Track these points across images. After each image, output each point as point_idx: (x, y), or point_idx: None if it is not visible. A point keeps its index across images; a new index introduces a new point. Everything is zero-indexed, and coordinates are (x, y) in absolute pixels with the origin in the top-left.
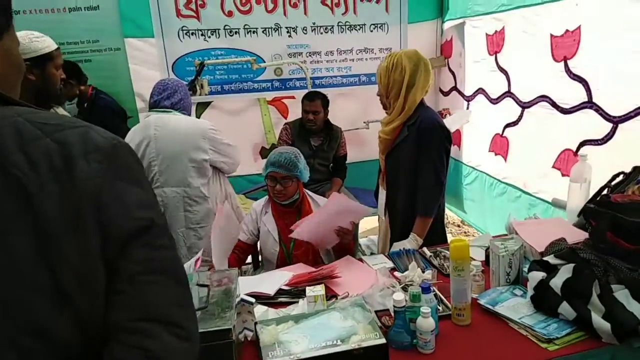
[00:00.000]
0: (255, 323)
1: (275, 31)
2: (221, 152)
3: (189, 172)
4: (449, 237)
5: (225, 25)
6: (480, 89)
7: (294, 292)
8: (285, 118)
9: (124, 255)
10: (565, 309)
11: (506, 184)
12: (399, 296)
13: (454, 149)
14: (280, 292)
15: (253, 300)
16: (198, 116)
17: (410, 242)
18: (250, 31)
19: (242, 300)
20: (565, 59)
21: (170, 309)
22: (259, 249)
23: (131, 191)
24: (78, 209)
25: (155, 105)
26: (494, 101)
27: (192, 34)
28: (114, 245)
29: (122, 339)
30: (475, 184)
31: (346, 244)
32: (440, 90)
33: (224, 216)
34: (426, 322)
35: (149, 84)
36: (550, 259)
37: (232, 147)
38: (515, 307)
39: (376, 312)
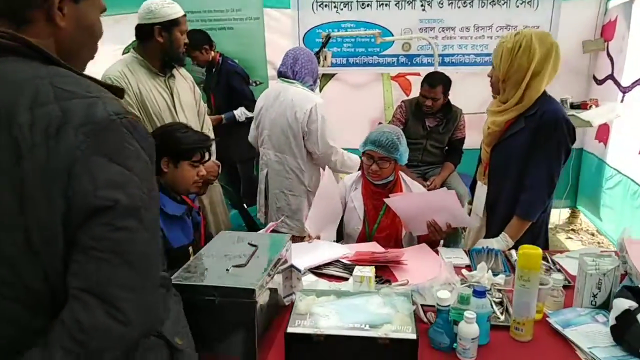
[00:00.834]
0: (297, 290)
1: (409, 4)
2: (310, 140)
3: (288, 143)
4: (578, 246)
5: None
6: None
7: (350, 268)
8: (408, 95)
9: (84, 229)
10: None
11: None
12: (445, 294)
13: (599, 146)
14: (338, 265)
15: (302, 268)
16: (322, 87)
17: (499, 242)
18: (382, 4)
19: (292, 266)
20: None
21: (112, 290)
22: (343, 222)
23: (106, 168)
24: (54, 177)
25: (280, 74)
26: None
27: (325, 5)
28: (75, 217)
29: (69, 303)
30: (617, 189)
31: (433, 241)
32: (594, 78)
33: (327, 181)
34: (468, 328)
35: (280, 52)
36: None
37: (327, 143)
38: (591, 334)
39: (426, 306)
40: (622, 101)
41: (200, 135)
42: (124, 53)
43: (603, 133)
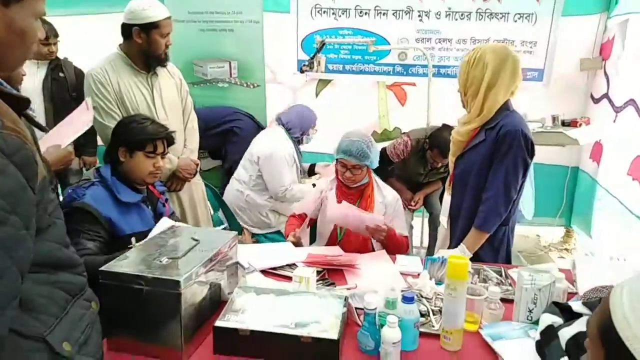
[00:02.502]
0: (237, 287)
1: (406, 14)
2: (264, 178)
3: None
4: (568, 263)
5: (357, 5)
6: (631, 100)
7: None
8: (403, 105)
9: None
10: None
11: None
12: (371, 297)
13: (592, 165)
14: (291, 265)
15: (246, 266)
16: (317, 92)
17: (456, 253)
18: (380, 12)
19: (238, 263)
20: None
21: None
22: (317, 223)
23: None
24: None
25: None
26: None
27: (324, 12)
28: None
29: None
30: (608, 209)
31: (382, 241)
32: (592, 97)
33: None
34: (390, 332)
35: (278, 56)
36: (575, 305)
37: (275, 188)
38: (520, 349)
39: (361, 309)
40: (614, 121)
41: (157, 127)
42: None
43: (597, 152)
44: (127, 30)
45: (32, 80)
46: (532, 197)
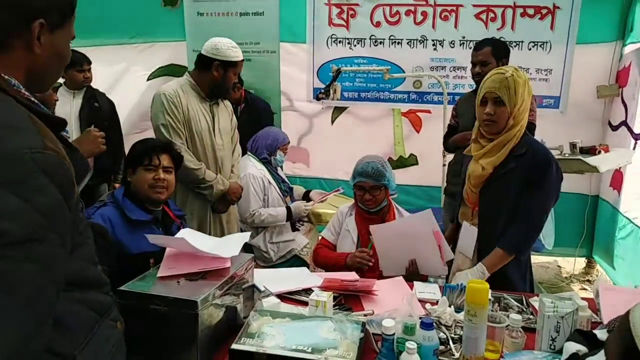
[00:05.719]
0: (253, 310)
1: (421, 43)
2: None
3: None
4: (591, 293)
5: (372, 35)
6: None
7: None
8: (418, 132)
9: None
10: None
11: None
12: (390, 322)
13: (613, 193)
14: (306, 290)
15: (262, 289)
16: (333, 120)
17: (474, 273)
18: (395, 42)
19: (254, 286)
20: None
21: None
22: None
23: (4, 199)
24: None
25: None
26: None
27: (340, 42)
28: None
29: None
30: (629, 239)
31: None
32: (609, 124)
33: None
34: (408, 358)
35: (295, 84)
36: (600, 333)
37: (244, 214)
38: None
39: (378, 335)
40: (634, 148)
41: (155, 142)
42: (148, 79)
43: (617, 181)
44: (205, 62)
45: (67, 109)
46: (553, 227)
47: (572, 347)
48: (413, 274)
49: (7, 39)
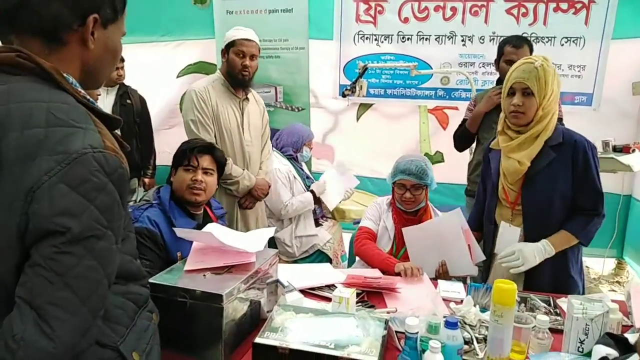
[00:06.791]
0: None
1: (449, 39)
2: None
3: None
4: (621, 296)
5: (399, 32)
6: None
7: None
8: (445, 129)
9: (36, 246)
10: None
11: None
12: (413, 321)
13: None
14: (329, 286)
15: (286, 284)
16: (358, 117)
17: (539, 250)
18: (423, 38)
19: (278, 281)
20: None
21: (48, 306)
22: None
23: (67, 197)
24: (19, 194)
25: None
26: None
27: (367, 38)
28: (30, 235)
29: (13, 310)
30: None
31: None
32: None
33: None
34: (432, 357)
35: (322, 81)
36: (632, 337)
37: (275, 204)
38: None
39: (401, 333)
40: None
41: (195, 143)
42: (178, 76)
43: None
44: (222, 54)
45: (100, 105)
46: None
47: (602, 350)
48: (443, 275)
49: (63, 33)
